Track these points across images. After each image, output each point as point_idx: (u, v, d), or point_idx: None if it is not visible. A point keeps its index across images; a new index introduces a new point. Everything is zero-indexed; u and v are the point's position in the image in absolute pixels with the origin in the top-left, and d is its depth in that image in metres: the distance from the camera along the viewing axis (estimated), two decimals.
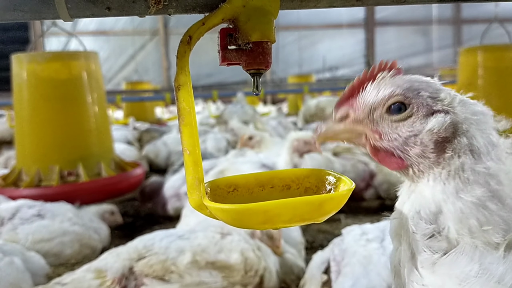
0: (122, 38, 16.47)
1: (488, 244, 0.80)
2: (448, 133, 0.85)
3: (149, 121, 11.02)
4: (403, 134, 0.87)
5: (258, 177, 0.95)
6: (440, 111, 0.86)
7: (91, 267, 2.38)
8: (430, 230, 0.83)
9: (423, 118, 0.86)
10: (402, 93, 0.87)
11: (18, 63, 4.58)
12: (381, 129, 0.89)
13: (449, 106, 0.87)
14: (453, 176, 0.84)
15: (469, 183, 0.82)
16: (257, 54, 0.88)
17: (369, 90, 0.90)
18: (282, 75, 15.24)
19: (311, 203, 0.81)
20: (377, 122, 0.89)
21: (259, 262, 2.43)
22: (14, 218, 3.32)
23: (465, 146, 0.84)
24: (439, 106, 0.87)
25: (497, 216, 0.81)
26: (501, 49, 4.97)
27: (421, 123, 0.86)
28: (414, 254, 0.85)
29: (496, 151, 0.85)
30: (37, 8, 0.82)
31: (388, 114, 0.88)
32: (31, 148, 4.54)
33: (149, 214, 4.77)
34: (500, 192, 0.82)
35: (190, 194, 0.85)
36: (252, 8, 0.87)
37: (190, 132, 0.85)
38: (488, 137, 0.86)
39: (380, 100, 0.88)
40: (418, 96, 0.87)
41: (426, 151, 0.86)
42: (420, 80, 0.90)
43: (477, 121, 0.87)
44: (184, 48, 0.85)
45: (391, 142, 0.88)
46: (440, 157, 0.85)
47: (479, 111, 0.89)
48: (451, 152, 0.85)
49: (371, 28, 17.40)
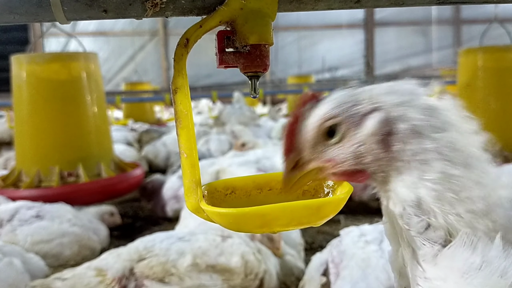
0: (122, 39, 16.46)
1: (473, 212, 0.80)
2: (386, 127, 0.85)
3: (148, 121, 11.02)
4: (350, 150, 0.87)
5: (255, 179, 0.94)
6: (370, 111, 0.86)
7: (91, 265, 2.38)
8: (424, 222, 0.83)
9: (358, 127, 0.87)
10: (326, 117, 0.88)
11: (17, 64, 4.58)
12: (331, 156, 0.89)
13: (374, 102, 0.87)
14: (411, 164, 0.83)
15: (425, 163, 0.82)
16: (254, 56, 0.88)
17: (301, 131, 0.91)
18: (282, 75, 15.23)
19: (309, 207, 0.80)
20: (324, 152, 0.90)
21: (259, 265, 2.43)
22: (13, 219, 3.32)
23: (407, 131, 0.84)
24: (365, 107, 0.87)
25: (466, 180, 0.81)
26: (501, 49, 4.96)
27: (359, 132, 0.87)
28: (414, 251, 0.85)
29: (437, 117, 0.85)
30: (34, 11, 0.81)
31: (328, 140, 0.89)
32: (31, 149, 4.54)
33: (149, 215, 4.77)
34: (457, 158, 0.82)
35: (187, 198, 0.85)
36: (250, 10, 0.86)
37: (187, 135, 0.85)
38: (423, 108, 0.85)
39: (313, 135, 0.89)
40: (341, 112, 0.87)
41: (377, 154, 0.86)
42: (333, 97, 0.90)
43: (406, 102, 0.86)
44: (181, 51, 0.85)
45: (345, 162, 0.88)
46: (391, 152, 0.85)
47: (403, 90, 0.88)
48: (399, 142, 0.84)
49: (371, 29, 17.39)
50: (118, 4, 0.82)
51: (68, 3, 0.81)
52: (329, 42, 17.01)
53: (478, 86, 4.93)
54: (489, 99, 4.83)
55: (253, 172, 3.87)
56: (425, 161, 0.83)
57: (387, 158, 0.86)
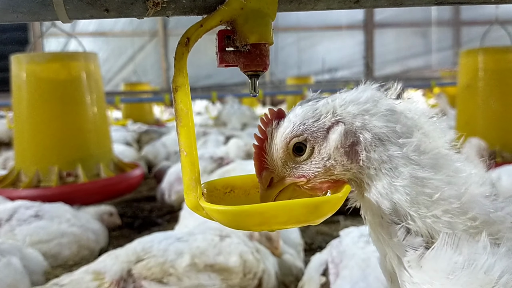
0: (121, 39, 16.46)
1: (449, 212, 0.81)
2: (352, 138, 0.86)
3: (148, 122, 11.02)
4: (320, 165, 0.89)
5: (254, 178, 0.95)
6: (332, 125, 0.87)
7: (89, 269, 2.37)
8: (403, 229, 0.84)
9: (323, 141, 0.88)
10: (292, 135, 0.88)
11: (17, 63, 4.58)
12: (303, 172, 0.91)
13: (334, 115, 0.88)
14: (381, 170, 0.84)
15: (394, 169, 0.83)
16: (255, 56, 0.88)
17: (269, 151, 0.92)
18: (281, 76, 15.24)
19: (307, 205, 0.81)
20: (295, 169, 0.91)
21: (258, 265, 2.43)
22: (11, 219, 3.32)
23: (371, 139, 0.85)
24: (327, 122, 0.88)
25: (437, 182, 0.82)
26: (502, 51, 4.97)
27: (325, 146, 0.88)
28: (399, 258, 0.86)
29: (400, 120, 0.85)
30: (36, 10, 0.82)
31: (297, 157, 0.90)
32: (30, 149, 4.54)
33: (148, 215, 4.77)
34: (425, 160, 0.83)
35: (186, 195, 0.86)
36: (250, 10, 0.87)
37: (187, 133, 0.85)
38: (384, 113, 0.85)
39: (281, 153, 0.90)
40: (305, 128, 0.88)
41: (346, 165, 0.87)
42: (296, 112, 0.91)
43: (367, 110, 0.86)
44: (182, 49, 0.85)
45: (317, 176, 0.90)
46: (359, 161, 0.86)
47: (365, 97, 0.88)
48: (364, 151, 0.85)
49: (370, 30, 17.41)
50: (119, 3, 0.83)
51: (70, 2, 0.81)
52: (328, 43, 17.02)
53: (479, 87, 4.94)
54: (489, 100, 4.84)
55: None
56: (393, 168, 0.83)
57: (357, 167, 0.87)
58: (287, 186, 0.92)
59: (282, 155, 0.90)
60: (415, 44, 17.42)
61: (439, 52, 17.07)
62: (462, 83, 5.20)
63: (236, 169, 3.96)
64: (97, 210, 3.86)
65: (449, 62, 16.11)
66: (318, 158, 0.89)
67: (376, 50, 17.45)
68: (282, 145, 0.89)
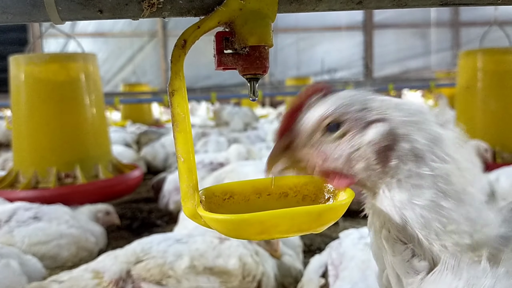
0: (121, 40, 16.45)
1: (458, 245, 0.79)
2: (388, 141, 0.84)
3: (147, 123, 11.00)
4: (345, 152, 0.86)
5: (254, 184, 0.92)
6: (376, 121, 0.85)
7: (88, 267, 2.36)
8: (408, 251, 0.82)
9: (360, 132, 0.85)
10: (333, 112, 0.86)
11: (16, 64, 4.56)
12: (324, 151, 0.88)
13: (384, 113, 0.85)
14: (403, 184, 0.82)
15: (418, 187, 0.81)
16: (254, 58, 0.86)
17: (303, 116, 0.90)
18: (281, 77, 15.23)
19: (309, 213, 0.78)
20: (319, 145, 0.89)
21: (257, 267, 2.41)
22: (10, 220, 3.30)
23: (408, 151, 0.83)
24: (373, 116, 0.85)
25: (456, 214, 0.80)
26: (501, 52, 4.97)
27: (359, 136, 0.85)
28: (399, 277, 0.85)
29: (441, 147, 0.83)
30: (27, 11, 0.79)
31: (326, 136, 0.88)
32: (28, 150, 4.52)
33: (147, 216, 4.75)
34: (451, 191, 0.81)
35: (184, 203, 0.83)
36: (249, 11, 0.84)
37: (184, 138, 0.83)
38: (431, 134, 0.84)
39: (314, 124, 0.88)
40: (348, 112, 0.86)
41: (370, 164, 0.85)
42: (348, 95, 0.89)
43: (416, 122, 0.85)
44: (179, 52, 0.83)
45: (336, 161, 0.87)
46: (386, 167, 0.84)
47: (417, 110, 0.87)
48: (396, 159, 0.83)
49: (370, 31, 17.40)
50: (113, 4, 0.80)
51: (62, 2, 0.79)
52: (328, 44, 17.02)
53: (478, 88, 4.94)
54: (488, 101, 4.84)
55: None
56: (418, 186, 0.81)
57: (380, 170, 0.84)
58: (298, 160, 0.90)
59: (314, 126, 0.88)
60: (414, 45, 17.43)
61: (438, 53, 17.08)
62: (461, 84, 5.20)
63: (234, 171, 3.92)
64: (91, 208, 3.82)
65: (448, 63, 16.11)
66: (346, 145, 0.86)
67: (376, 51, 17.45)
68: (320, 117, 0.87)
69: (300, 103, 0.91)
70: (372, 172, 0.85)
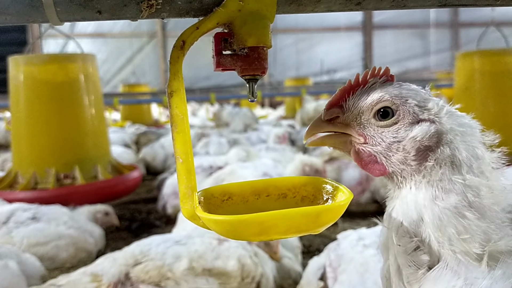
0: (120, 41, 16.45)
1: (467, 254, 0.81)
2: (431, 142, 0.86)
3: (146, 123, 11.00)
4: (387, 140, 0.88)
5: (253, 185, 0.92)
6: (426, 120, 0.88)
7: (87, 271, 2.35)
8: (413, 244, 0.84)
9: (408, 126, 0.88)
10: (390, 99, 0.88)
11: (15, 65, 4.55)
12: (367, 133, 0.91)
13: (436, 116, 0.88)
14: (432, 185, 0.85)
15: (444, 191, 0.84)
16: (252, 59, 0.85)
17: (359, 94, 0.92)
18: (280, 77, 15.23)
19: (308, 214, 0.78)
20: (364, 126, 0.91)
21: (256, 269, 2.41)
22: (9, 221, 3.29)
23: (447, 157, 0.85)
24: (425, 115, 0.88)
25: (475, 226, 0.82)
26: (498, 53, 4.97)
27: (406, 130, 0.88)
28: (399, 268, 0.86)
29: (479, 164, 0.86)
30: (26, 12, 0.79)
31: (375, 119, 0.90)
32: (27, 151, 4.51)
33: (146, 217, 4.75)
34: (477, 204, 0.83)
35: (182, 204, 0.83)
36: (248, 12, 0.84)
37: (183, 139, 0.83)
38: (473, 149, 0.87)
39: (369, 104, 0.90)
40: (405, 104, 0.88)
41: (408, 158, 0.87)
42: (410, 88, 0.91)
43: (463, 133, 0.87)
44: (178, 53, 0.82)
45: (375, 146, 0.90)
46: (422, 165, 0.86)
47: (466, 123, 0.89)
48: (433, 161, 0.86)
49: (369, 31, 17.42)
50: (112, 5, 0.80)
51: (61, 3, 0.78)
52: (327, 45, 17.03)
53: (476, 89, 4.94)
54: (486, 102, 4.84)
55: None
56: (446, 189, 0.84)
57: (414, 167, 0.87)
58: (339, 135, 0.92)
59: (367, 106, 0.90)
60: (413, 45, 17.46)
61: (437, 54, 17.10)
62: (459, 86, 5.21)
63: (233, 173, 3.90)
64: (90, 209, 3.81)
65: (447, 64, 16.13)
66: (391, 134, 0.88)
67: (375, 51, 17.47)
68: (375, 98, 0.89)
69: (357, 82, 0.92)
70: (406, 167, 0.87)
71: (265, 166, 4.10)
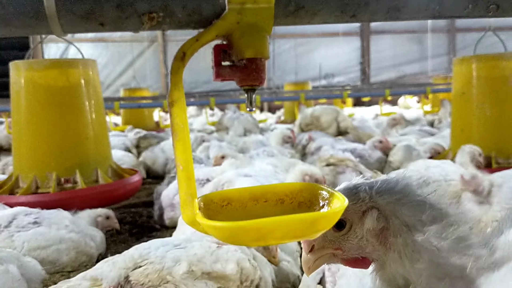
0: (121, 45, 16.48)
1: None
2: (382, 223, 0.97)
3: (148, 127, 11.00)
4: (354, 242, 1.01)
5: (252, 191, 0.95)
6: (368, 209, 0.99)
7: (86, 275, 2.36)
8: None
9: (359, 222, 1.00)
10: None
11: (16, 70, 4.58)
12: (339, 245, 1.03)
13: (370, 200, 0.99)
14: (405, 255, 0.94)
15: (417, 252, 0.93)
16: (250, 70, 0.88)
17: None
18: (279, 82, 15.25)
19: (304, 220, 0.80)
20: (334, 241, 1.03)
21: (255, 272, 2.42)
22: (10, 225, 3.30)
23: (399, 225, 0.95)
24: (363, 206, 0.99)
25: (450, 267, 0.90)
26: (495, 58, 4.98)
27: (360, 227, 1.00)
28: None
29: (425, 211, 0.94)
30: (30, 24, 0.81)
31: (336, 232, 1.02)
32: (28, 155, 4.53)
33: (146, 221, 4.76)
34: (444, 246, 0.91)
35: (183, 210, 0.85)
36: (246, 24, 0.87)
37: (183, 147, 0.85)
38: (413, 205, 0.96)
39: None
40: (346, 211, 0.96)
41: (375, 245, 0.99)
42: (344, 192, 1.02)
43: (398, 199, 0.97)
44: (178, 64, 0.85)
45: (350, 251, 1.02)
46: (387, 243, 0.97)
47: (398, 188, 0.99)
48: (392, 236, 0.96)
49: (367, 36, 17.47)
50: (114, 17, 0.82)
51: (64, 16, 0.80)
52: (325, 49, 17.07)
53: (473, 94, 4.95)
54: (483, 107, 4.85)
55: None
56: (416, 251, 0.93)
57: (383, 248, 0.97)
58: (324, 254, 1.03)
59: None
60: (410, 50, 17.49)
61: (434, 59, 17.14)
62: (456, 91, 5.21)
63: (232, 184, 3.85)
64: (90, 212, 3.81)
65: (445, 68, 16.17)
66: (353, 236, 1.00)
67: (372, 56, 17.51)
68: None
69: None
70: (378, 251, 0.99)
71: (264, 178, 4.01)
